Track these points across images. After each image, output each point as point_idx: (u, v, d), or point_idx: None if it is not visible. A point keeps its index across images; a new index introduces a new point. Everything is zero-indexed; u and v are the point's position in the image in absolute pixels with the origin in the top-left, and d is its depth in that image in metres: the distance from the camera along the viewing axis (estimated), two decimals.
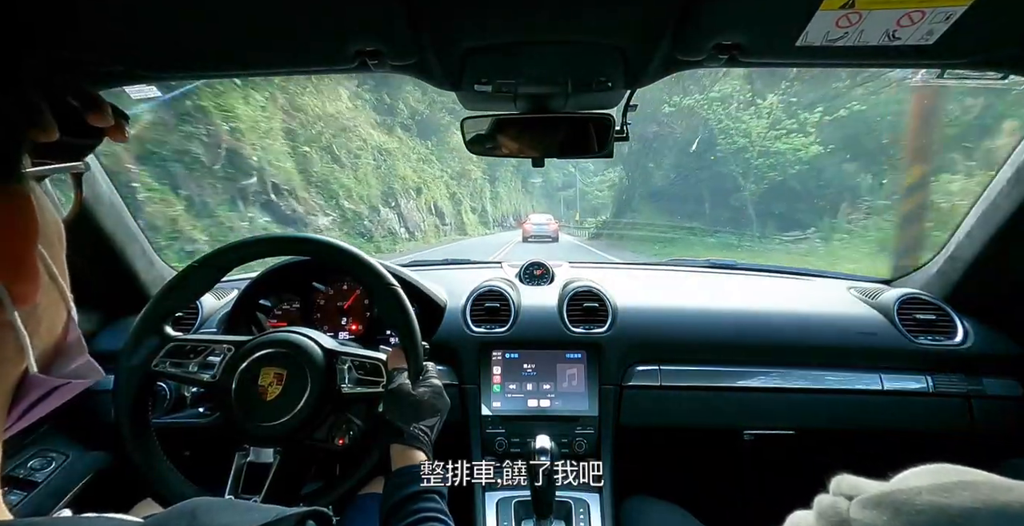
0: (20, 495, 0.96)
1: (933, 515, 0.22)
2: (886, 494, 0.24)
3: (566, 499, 1.02)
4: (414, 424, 0.71)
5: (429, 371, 0.78)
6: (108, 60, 0.74)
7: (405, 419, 0.71)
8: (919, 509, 0.23)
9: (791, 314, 1.20)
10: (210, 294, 1.27)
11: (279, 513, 0.33)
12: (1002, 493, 0.21)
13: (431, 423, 0.72)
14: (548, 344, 1.16)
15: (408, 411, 0.72)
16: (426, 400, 0.73)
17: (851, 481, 0.27)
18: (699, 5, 0.60)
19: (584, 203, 38.65)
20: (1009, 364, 1.10)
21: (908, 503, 0.23)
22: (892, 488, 0.25)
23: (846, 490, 0.27)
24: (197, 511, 0.31)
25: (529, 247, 15.69)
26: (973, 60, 0.73)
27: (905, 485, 0.25)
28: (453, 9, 0.63)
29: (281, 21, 0.65)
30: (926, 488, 0.23)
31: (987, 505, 0.21)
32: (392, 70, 0.78)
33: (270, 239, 0.84)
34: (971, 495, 0.22)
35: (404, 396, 0.73)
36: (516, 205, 41.21)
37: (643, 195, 19.05)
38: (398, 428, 0.70)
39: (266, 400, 0.74)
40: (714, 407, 1.12)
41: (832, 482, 0.28)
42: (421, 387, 0.74)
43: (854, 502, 0.25)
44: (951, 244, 1.14)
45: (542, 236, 18.07)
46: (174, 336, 0.80)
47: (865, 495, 0.25)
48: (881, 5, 0.57)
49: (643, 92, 0.88)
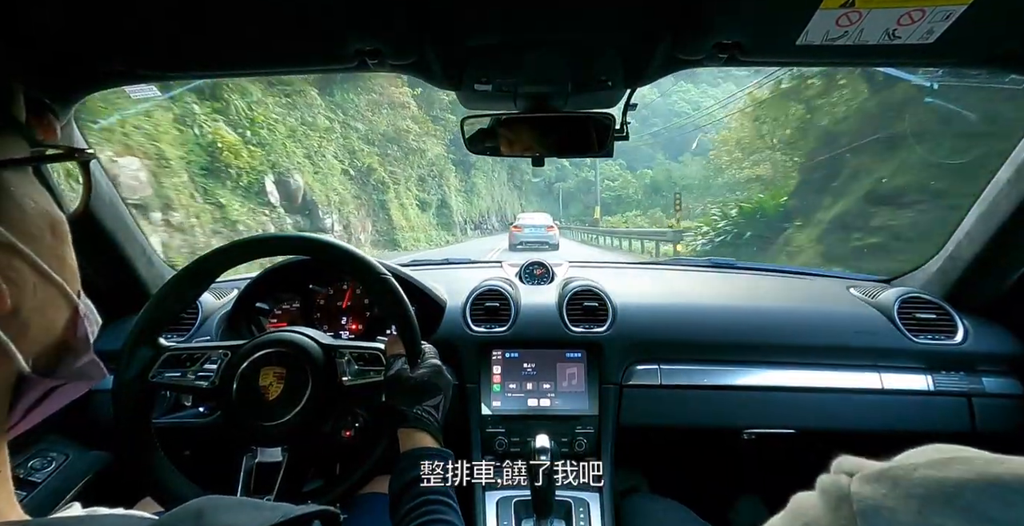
0: (20, 495, 0.96)
1: (929, 487, 0.23)
2: (885, 470, 0.25)
3: (566, 498, 1.02)
4: (417, 406, 0.71)
5: (427, 353, 0.78)
6: (109, 60, 0.74)
7: (407, 402, 0.71)
8: (916, 482, 0.24)
9: (791, 313, 1.20)
10: (210, 294, 1.27)
11: (286, 513, 0.33)
12: (995, 466, 0.23)
13: (434, 403, 0.72)
14: (548, 343, 1.16)
15: (409, 394, 0.72)
16: (426, 381, 0.73)
17: (852, 460, 0.28)
18: (699, 4, 0.60)
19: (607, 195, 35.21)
20: (1009, 363, 1.10)
21: (905, 477, 0.24)
22: (891, 464, 0.26)
23: (847, 468, 0.28)
24: (204, 511, 0.30)
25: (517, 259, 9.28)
26: (973, 59, 0.73)
27: (905, 462, 0.26)
28: (453, 8, 0.63)
29: (281, 21, 0.65)
30: (923, 463, 0.25)
31: (980, 476, 0.22)
32: (392, 69, 0.78)
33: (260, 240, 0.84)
34: (965, 468, 0.23)
35: (404, 380, 0.73)
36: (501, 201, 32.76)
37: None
38: (401, 412, 0.70)
39: (268, 400, 0.74)
40: (714, 406, 1.12)
41: (833, 463, 0.30)
42: (420, 369, 0.74)
43: (855, 478, 0.26)
44: (951, 243, 1.14)
45: (536, 241, 14.20)
46: (168, 347, 0.79)
47: (865, 471, 0.26)
48: (881, 4, 0.57)
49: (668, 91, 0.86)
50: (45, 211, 0.32)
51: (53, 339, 0.33)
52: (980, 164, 4.81)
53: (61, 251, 0.33)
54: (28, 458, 1.03)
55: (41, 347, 0.32)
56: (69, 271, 0.34)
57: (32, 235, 0.30)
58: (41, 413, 0.33)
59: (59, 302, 0.33)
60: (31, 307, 0.30)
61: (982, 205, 1.04)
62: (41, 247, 0.31)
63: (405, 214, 16.27)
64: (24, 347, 0.29)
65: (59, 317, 0.33)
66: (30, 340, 0.30)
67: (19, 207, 0.30)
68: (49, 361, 0.32)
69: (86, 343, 0.35)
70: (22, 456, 1.03)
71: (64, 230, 0.34)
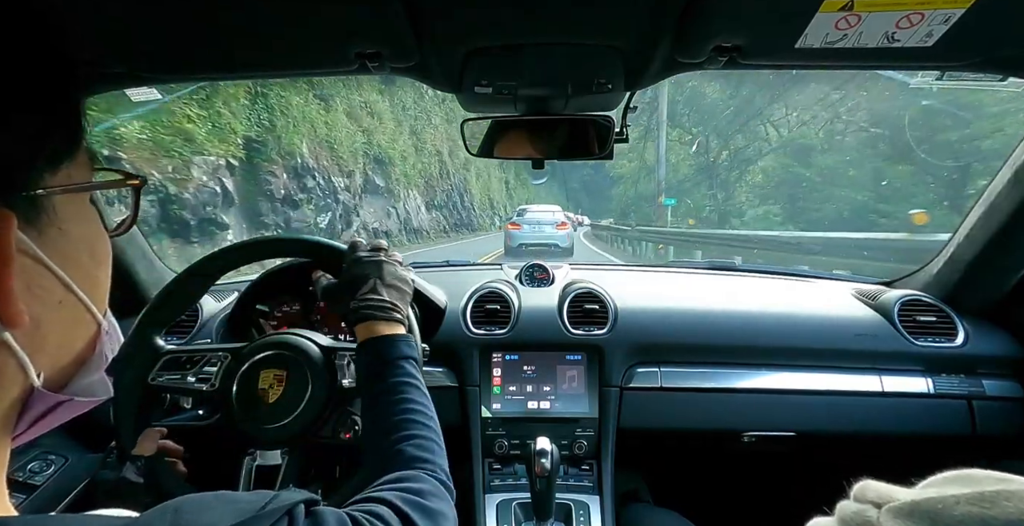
0: (19, 498, 0.96)
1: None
2: (919, 503, 0.23)
3: (566, 501, 1.02)
4: (352, 302, 0.69)
5: (350, 254, 0.76)
6: (109, 62, 0.74)
7: (343, 304, 0.71)
8: (959, 519, 0.21)
9: (791, 316, 1.20)
10: (209, 297, 1.27)
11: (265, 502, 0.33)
12: None
13: (368, 288, 0.70)
14: (548, 346, 1.15)
15: (339, 295, 0.72)
16: (348, 275, 0.73)
17: (877, 488, 0.26)
18: (699, 7, 0.60)
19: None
20: (1009, 366, 1.10)
21: (945, 513, 0.22)
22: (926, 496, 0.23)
23: (873, 497, 0.25)
24: (181, 508, 0.30)
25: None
26: (972, 62, 0.73)
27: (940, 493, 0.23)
28: (453, 11, 0.63)
29: (281, 24, 0.65)
30: (964, 497, 0.22)
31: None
32: (392, 72, 0.78)
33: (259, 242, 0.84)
34: (1015, 505, 0.21)
35: (330, 288, 0.75)
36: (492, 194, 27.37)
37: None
38: (343, 315, 0.70)
39: (268, 402, 0.74)
40: (714, 409, 1.12)
41: (855, 488, 0.27)
42: (346, 270, 0.74)
43: (884, 510, 0.24)
44: (951, 245, 1.14)
45: (540, 244, 10.77)
46: (168, 349, 0.79)
47: (896, 503, 0.24)
48: (880, 7, 0.57)
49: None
50: (87, 233, 0.32)
51: (71, 356, 0.33)
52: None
53: (96, 272, 0.33)
54: (28, 461, 1.03)
55: (58, 362, 0.32)
56: (100, 291, 0.34)
57: (68, 256, 0.30)
58: (46, 425, 0.33)
59: (83, 320, 0.33)
60: (53, 323, 0.30)
61: (982, 207, 1.04)
62: (75, 267, 0.31)
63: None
64: (40, 361, 0.29)
65: (81, 335, 0.33)
66: (47, 355, 0.30)
67: (60, 229, 0.30)
68: (62, 376, 0.32)
69: (101, 361, 0.35)
70: (22, 459, 1.03)
71: (104, 252, 0.34)
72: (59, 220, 0.29)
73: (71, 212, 0.31)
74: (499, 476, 1.09)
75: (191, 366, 0.79)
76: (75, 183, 0.31)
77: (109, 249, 0.35)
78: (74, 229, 0.31)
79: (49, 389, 0.30)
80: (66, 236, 0.30)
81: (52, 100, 0.29)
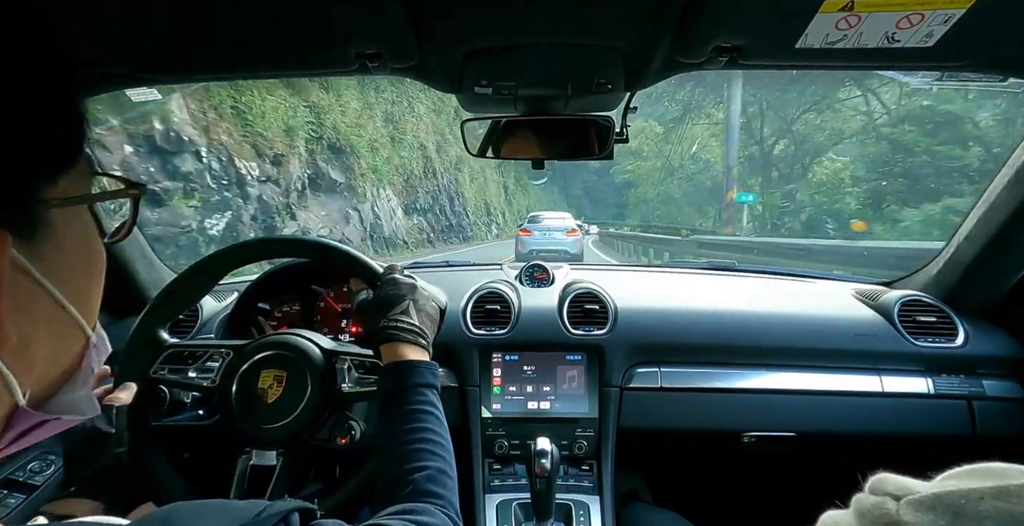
0: (20, 498, 0.96)
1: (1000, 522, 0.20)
2: (941, 496, 0.22)
3: (566, 501, 1.02)
4: (383, 320, 0.69)
5: (387, 274, 0.77)
6: (110, 62, 0.74)
7: (373, 320, 0.71)
8: (983, 514, 0.21)
9: (791, 316, 1.20)
10: (210, 296, 1.27)
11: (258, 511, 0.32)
12: None
13: (401, 310, 0.70)
14: (548, 346, 1.15)
15: (373, 312, 0.72)
16: (385, 294, 0.73)
17: (896, 480, 0.25)
18: (699, 7, 0.60)
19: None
20: (1010, 366, 1.10)
21: (969, 507, 0.21)
22: (947, 489, 0.23)
23: (892, 490, 0.25)
24: (171, 518, 0.30)
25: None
26: (972, 62, 0.73)
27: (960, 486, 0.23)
28: (453, 11, 0.63)
29: (281, 24, 0.65)
30: (988, 491, 0.21)
31: None
32: (392, 72, 0.78)
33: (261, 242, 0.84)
34: None
35: (366, 304, 0.75)
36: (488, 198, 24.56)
37: None
38: (372, 331, 0.70)
39: (267, 402, 0.74)
40: (714, 409, 1.12)
41: (871, 481, 0.27)
42: (381, 287, 0.75)
43: (904, 502, 0.23)
44: (951, 246, 1.14)
45: (550, 251, 10.82)
46: (171, 342, 0.79)
47: (916, 496, 0.23)
48: (880, 7, 0.57)
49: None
50: (83, 246, 0.32)
51: (58, 370, 0.32)
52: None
53: (87, 286, 0.32)
54: (28, 461, 1.03)
55: (44, 378, 0.31)
56: (91, 305, 0.33)
57: (62, 271, 0.30)
58: (30, 440, 0.32)
59: (72, 335, 0.32)
60: (41, 340, 0.29)
61: (982, 208, 1.04)
62: (68, 283, 0.30)
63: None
64: (26, 377, 0.28)
65: (69, 349, 0.32)
66: (34, 370, 0.29)
67: (55, 242, 0.29)
68: (47, 390, 0.31)
69: (87, 374, 0.34)
70: (22, 459, 1.02)
71: (99, 265, 0.33)
72: (55, 234, 0.29)
73: (68, 224, 0.30)
74: (499, 476, 1.09)
75: (193, 361, 0.80)
76: (73, 196, 0.30)
77: (104, 261, 0.34)
78: (70, 242, 0.30)
79: (34, 404, 0.30)
80: (61, 250, 0.29)
81: (53, 104, 0.28)
